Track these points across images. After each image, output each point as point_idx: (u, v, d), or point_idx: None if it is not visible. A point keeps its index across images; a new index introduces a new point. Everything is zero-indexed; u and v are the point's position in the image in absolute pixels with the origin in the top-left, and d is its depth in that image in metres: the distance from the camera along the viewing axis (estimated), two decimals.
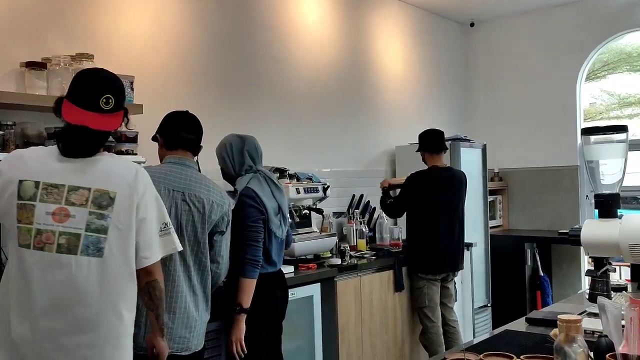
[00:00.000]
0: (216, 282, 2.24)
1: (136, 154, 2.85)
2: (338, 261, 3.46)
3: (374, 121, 4.88)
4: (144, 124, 2.86)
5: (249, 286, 2.39)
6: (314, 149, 4.33)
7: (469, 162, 4.44)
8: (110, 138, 2.80)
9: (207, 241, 2.13)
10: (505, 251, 5.09)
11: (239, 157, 2.58)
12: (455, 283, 3.92)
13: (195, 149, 2.24)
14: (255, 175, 2.55)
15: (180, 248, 1.81)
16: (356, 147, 4.71)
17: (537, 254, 5.12)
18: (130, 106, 2.80)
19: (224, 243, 2.22)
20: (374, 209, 4.55)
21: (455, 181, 3.84)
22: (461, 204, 3.87)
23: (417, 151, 3.91)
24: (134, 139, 2.88)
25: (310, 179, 3.66)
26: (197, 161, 2.26)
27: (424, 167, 3.89)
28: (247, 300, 2.38)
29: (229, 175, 2.62)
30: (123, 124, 1.75)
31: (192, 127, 2.24)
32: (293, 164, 3.89)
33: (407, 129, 5.13)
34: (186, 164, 2.17)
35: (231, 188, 2.60)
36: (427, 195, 3.72)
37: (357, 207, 4.38)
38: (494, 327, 4.61)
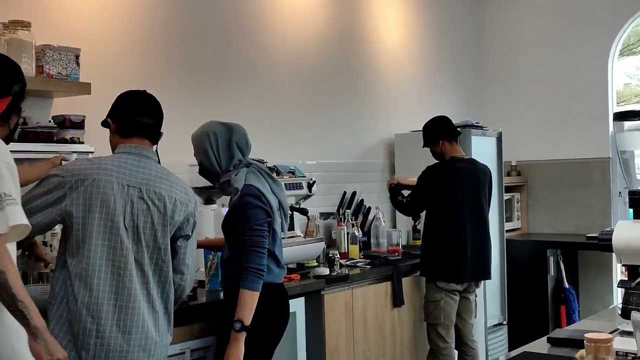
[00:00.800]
0: (180, 296, 2.23)
1: (82, 143, 2.83)
2: (326, 271, 3.47)
3: (369, 105, 4.89)
4: (93, 107, 2.83)
5: (252, 299, 2.41)
6: (298, 137, 4.33)
7: (482, 153, 4.45)
8: (52, 123, 2.78)
9: (169, 247, 2.12)
10: (524, 259, 5.14)
11: (225, 150, 2.58)
12: (476, 295, 3.94)
13: (155, 136, 2.22)
14: (250, 169, 2.57)
15: (29, 226, 1.77)
16: (348, 136, 4.71)
17: (561, 262, 5.17)
18: (75, 85, 2.80)
19: (190, 249, 2.21)
20: (369, 209, 4.56)
21: (480, 175, 3.87)
22: (487, 203, 3.91)
23: (426, 146, 3.90)
24: (80, 125, 2.85)
25: (293, 172, 3.65)
26: (156, 151, 2.23)
27: (430, 160, 3.89)
28: (248, 316, 2.40)
29: (211, 172, 2.61)
30: (15, 116, 1.83)
31: (151, 110, 2.21)
32: (272, 155, 3.88)
33: (409, 114, 5.14)
34: (144, 155, 2.15)
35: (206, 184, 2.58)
36: (450, 190, 3.74)
37: (348, 207, 4.38)
38: (511, 348, 4.64)
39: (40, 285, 2.49)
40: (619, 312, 2.14)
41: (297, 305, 3.20)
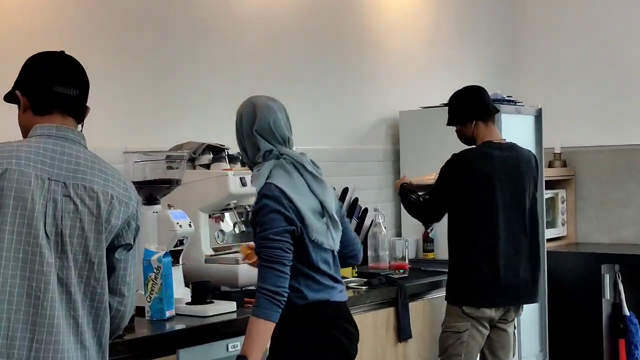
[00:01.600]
0: (119, 326, 2.21)
1: None
2: None
3: (365, 74, 4.91)
4: None
5: (261, 330, 2.49)
6: None
7: (516, 136, 4.46)
8: None
9: (104, 261, 2.09)
10: (570, 277, 5.18)
11: (249, 138, 2.72)
12: (515, 326, 3.96)
13: (80, 112, 2.19)
14: (278, 162, 2.66)
15: None
16: (337, 115, 4.73)
17: (620, 281, 5.21)
18: None
19: (131, 263, 2.20)
20: (365, 210, 4.57)
21: (524, 166, 3.87)
22: (533, 201, 3.91)
23: (452, 124, 3.90)
24: None
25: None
26: (80, 131, 2.22)
27: (452, 146, 3.90)
28: (255, 352, 2.48)
29: (248, 162, 2.78)
30: None
31: (74, 77, 2.18)
32: (233, 139, 3.86)
33: (418, 85, 5.17)
34: (69, 138, 2.11)
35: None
36: (482, 186, 3.74)
37: None
38: None
39: None
40: None
41: None
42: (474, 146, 3.82)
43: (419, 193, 3.98)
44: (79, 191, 2.06)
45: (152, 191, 3.27)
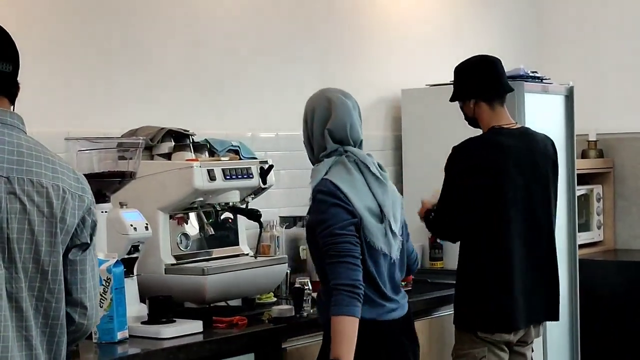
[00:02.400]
0: (77, 338, 2.25)
1: None
2: (290, 311, 3.48)
3: (360, 49, 4.91)
4: None
5: (349, 328, 2.78)
6: (243, 97, 4.34)
7: (541, 120, 4.50)
8: None
9: (60, 268, 2.10)
10: (608, 290, 5.21)
11: (319, 135, 3.04)
12: (533, 350, 3.98)
13: (13, 90, 2.23)
14: (339, 159, 2.98)
15: None
16: None
17: None
18: None
19: (89, 266, 2.20)
20: None
21: (538, 156, 3.87)
22: (551, 198, 3.92)
23: (455, 99, 3.90)
24: None
25: (237, 152, 3.66)
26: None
27: (467, 130, 3.91)
28: (348, 352, 2.78)
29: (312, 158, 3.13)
30: None
31: (6, 49, 2.22)
32: (202, 124, 3.90)
33: (423, 59, 5.17)
34: (7, 122, 2.14)
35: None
36: (488, 185, 3.75)
37: None
38: None
39: None
40: None
41: None
42: (478, 135, 3.83)
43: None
44: (26, 187, 2.07)
45: (100, 186, 3.24)
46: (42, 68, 3.50)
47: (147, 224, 3.23)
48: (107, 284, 3.01)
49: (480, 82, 3.80)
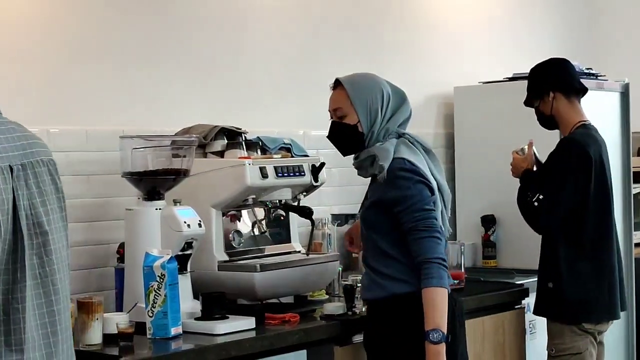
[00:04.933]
0: None
1: None
2: (341, 309, 3.51)
3: (413, 47, 4.92)
4: None
5: (443, 299, 2.94)
6: (295, 94, 4.37)
7: (598, 117, 4.44)
8: None
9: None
10: None
11: (389, 120, 3.12)
12: None
13: None
14: (401, 139, 3.11)
15: None
16: None
17: None
18: None
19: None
20: None
21: (605, 153, 3.96)
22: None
23: (532, 98, 3.92)
24: None
25: (288, 149, 3.69)
26: None
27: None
28: (444, 321, 2.93)
29: (359, 140, 3.12)
30: None
31: None
32: (253, 121, 3.92)
33: (476, 57, 5.16)
34: None
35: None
36: (598, 179, 3.81)
37: None
38: None
39: None
40: None
41: None
42: (580, 129, 3.84)
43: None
44: (36, 169, 2.07)
45: (154, 184, 3.30)
46: (97, 68, 3.58)
47: (200, 221, 3.25)
48: (161, 280, 3.05)
49: (558, 75, 3.88)
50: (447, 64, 5.06)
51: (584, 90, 3.94)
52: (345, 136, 3.15)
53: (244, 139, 3.63)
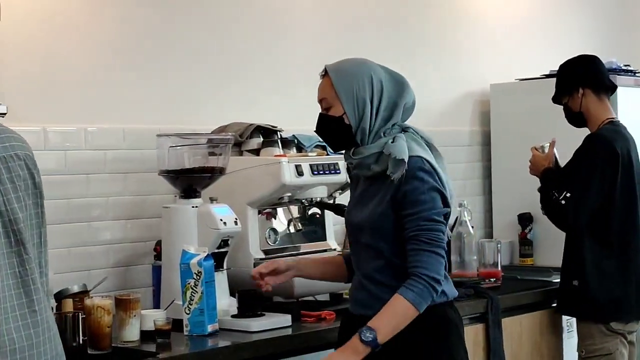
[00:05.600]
0: None
1: None
2: None
3: (448, 43, 4.92)
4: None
5: (405, 315, 2.59)
6: None
7: (636, 113, 4.44)
8: None
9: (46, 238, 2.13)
10: None
11: (386, 109, 2.74)
12: None
13: None
14: (408, 134, 2.75)
15: None
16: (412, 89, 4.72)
17: None
18: None
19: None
20: None
21: (634, 150, 3.95)
22: None
23: (557, 95, 3.92)
24: None
25: (324, 147, 3.69)
26: None
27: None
28: (387, 332, 2.57)
29: (349, 134, 2.74)
30: None
31: None
32: (288, 119, 3.94)
33: (512, 53, 5.15)
34: None
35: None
36: (626, 177, 3.80)
37: None
38: None
39: None
40: None
41: None
42: (608, 126, 3.83)
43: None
44: (9, 163, 2.05)
45: (191, 182, 3.33)
46: (134, 67, 3.62)
47: (236, 218, 3.27)
48: (198, 278, 3.07)
49: (587, 71, 3.87)
50: (483, 61, 5.05)
51: (613, 88, 3.93)
52: (331, 130, 2.79)
53: (279, 136, 3.65)
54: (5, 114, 2.87)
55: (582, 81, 3.83)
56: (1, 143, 2.05)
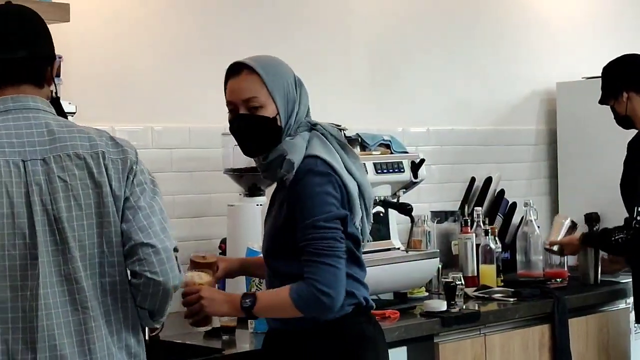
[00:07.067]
0: (152, 295, 2.15)
1: (59, 98, 2.96)
2: (442, 305, 3.50)
3: (513, 42, 4.90)
4: (73, 42, 2.97)
5: (282, 310, 2.52)
6: (394, 90, 4.38)
7: None
8: None
9: (115, 238, 2.12)
10: None
11: (305, 104, 2.65)
12: None
13: (38, 74, 2.19)
14: (314, 133, 2.59)
15: None
16: (478, 90, 4.73)
17: None
18: (47, 7, 2.93)
19: (151, 211, 2.19)
20: (513, 206, 4.56)
21: None
22: None
23: (606, 98, 3.89)
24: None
25: (388, 146, 3.70)
26: (54, 97, 2.23)
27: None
28: (265, 310, 2.55)
29: (276, 135, 2.57)
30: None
31: (13, 36, 2.15)
32: (353, 118, 3.94)
33: (579, 51, 5.11)
34: (30, 107, 2.13)
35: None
36: None
37: (479, 203, 4.40)
38: None
39: None
40: None
41: (396, 359, 3.23)
42: None
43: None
44: (64, 162, 2.07)
45: (255, 180, 3.36)
46: (200, 67, 3.67)
47: None
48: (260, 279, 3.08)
49: (631, 73, 3.80)
50: (549, 60, 5.01)
51: None
52: (261, 132, 2.55)
53: (343, 135, 3.66)
54: (74, 113, 2.93)
55: (626, 85, 3.77)
56: (61, 142, 2.09)
